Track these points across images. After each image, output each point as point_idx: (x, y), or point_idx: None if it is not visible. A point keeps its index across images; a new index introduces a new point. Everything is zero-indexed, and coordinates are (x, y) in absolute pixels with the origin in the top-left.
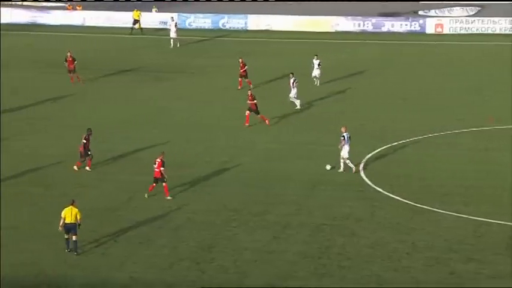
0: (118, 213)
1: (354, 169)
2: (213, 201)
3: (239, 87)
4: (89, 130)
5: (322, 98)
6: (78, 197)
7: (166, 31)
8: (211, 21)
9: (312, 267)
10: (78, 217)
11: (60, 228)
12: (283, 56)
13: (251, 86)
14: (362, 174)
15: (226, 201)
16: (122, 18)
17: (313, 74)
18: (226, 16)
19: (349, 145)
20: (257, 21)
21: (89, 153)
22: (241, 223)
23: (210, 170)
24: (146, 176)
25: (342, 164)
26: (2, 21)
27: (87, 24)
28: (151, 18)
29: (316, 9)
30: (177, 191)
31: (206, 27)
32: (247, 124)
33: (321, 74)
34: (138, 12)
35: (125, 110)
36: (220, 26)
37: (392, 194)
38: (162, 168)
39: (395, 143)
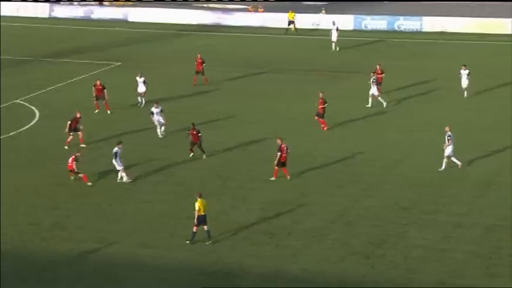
0: (291, 207)
1: (460, 165)
2: (385, 199)
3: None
4: (193, 125)
5: (495, 99)
6: (253, 191)
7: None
8: (387, 22)
9: (483, 267)
10: (207, 208)
11: (195, 220)
12: (456, 58)
13: (379, 92)
14: None
15: (397, 198)
16: (302, 20)
17: (463, 86)
18: (401, 18)
19: (453, 144)
20: (432, 23)
21: (195, 146)
22: (412, 221)
23: (382, 168)
24: (317, 173)
25: (444, 164)
26: (187, 22)
27: (267, 25)
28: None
29: (492, 11)
30: (349, 187)
31: (381, 29)
32: (325, 128)
33: (470, 85)
34: (293, 13)
35: (300, 107)
36: (395, 27)
37: None
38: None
39: None
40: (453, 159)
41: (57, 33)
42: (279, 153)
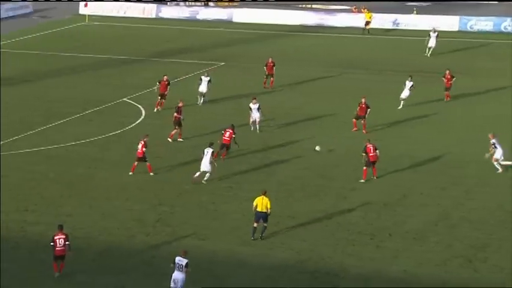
0: (394, 208)
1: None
2: (488, 201)
3: (446, 99)
4: (232, 126)
5: None
6: (354, 191)
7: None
8: (493, 24)
9: None
10: (268, 206)
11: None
12: None
13: (448, 99)
14: None
15: (501, 201)
16: (403, 20)
17: None
18: (508, 19)
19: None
20: None
21: (232, 145)
22: None
23: (486, 170)
24: (417, 174)
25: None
26: (290, 23)
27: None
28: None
29: None
30: (451, 189)
31: (487, 30)
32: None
33: None
34: (370, 13)
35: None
36: (502, 29)
37: None
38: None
39: None
40: (501, 162)
41: (164, 33)
42: (364, 154)
